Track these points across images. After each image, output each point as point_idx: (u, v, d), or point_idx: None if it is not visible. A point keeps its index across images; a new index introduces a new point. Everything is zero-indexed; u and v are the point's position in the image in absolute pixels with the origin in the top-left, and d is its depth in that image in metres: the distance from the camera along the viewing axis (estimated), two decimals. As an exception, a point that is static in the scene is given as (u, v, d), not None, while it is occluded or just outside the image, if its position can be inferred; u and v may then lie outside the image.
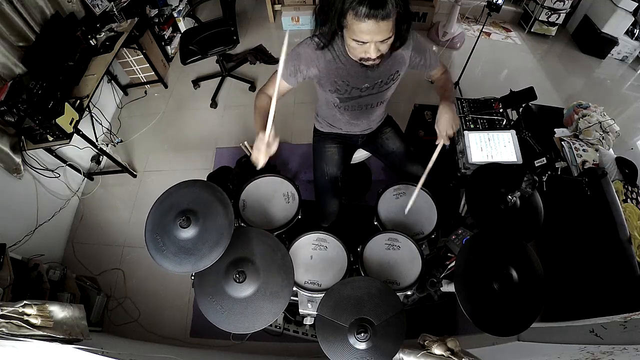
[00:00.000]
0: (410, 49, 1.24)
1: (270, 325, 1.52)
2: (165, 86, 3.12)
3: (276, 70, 1.19)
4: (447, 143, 1.29)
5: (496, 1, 2.44)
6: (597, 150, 1.96)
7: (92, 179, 2.58)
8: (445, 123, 1.28)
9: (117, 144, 2.73)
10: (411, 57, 1.27)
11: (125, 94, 3.08)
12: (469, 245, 1.09)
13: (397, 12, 0.96)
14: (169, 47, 3.29)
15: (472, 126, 1.83)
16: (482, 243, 1.10)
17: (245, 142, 1.86)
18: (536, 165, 1.84)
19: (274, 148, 1.10)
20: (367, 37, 0.99)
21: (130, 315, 2.04)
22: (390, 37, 1.02)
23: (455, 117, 1.29)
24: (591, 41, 3.37)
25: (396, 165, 1.66)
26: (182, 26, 3.33)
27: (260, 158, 1.10)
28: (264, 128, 1.09)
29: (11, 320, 0.95)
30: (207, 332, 1.92)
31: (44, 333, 0.98)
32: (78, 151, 2.39)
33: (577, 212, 1.82)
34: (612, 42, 3.29)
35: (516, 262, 1.05)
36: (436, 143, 1.29)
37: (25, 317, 0.97)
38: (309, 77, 1.24)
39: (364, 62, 1.12)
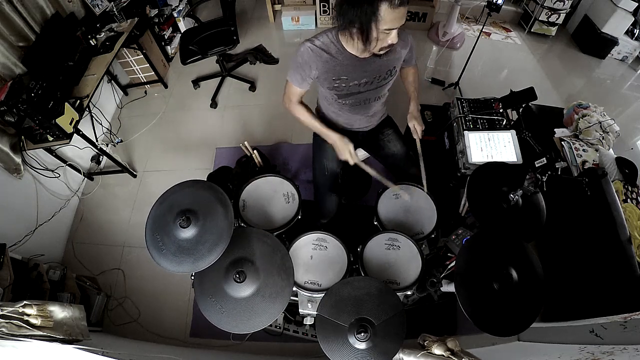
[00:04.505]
0: (408, 49, 1.34)
1: (270, 325, 1.52)
2: (165, 86, 3.12)
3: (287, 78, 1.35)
4: (421, 136, 1.52)
5: (496, 1, 2.44)
6: (597, 150, 1.96)
7: (92, 179, 2.58)
8: (416, 122, 1.51)
9: (117, 144, 2.73)
10: (406, 55, 1.37)
11: (125, 94, 3.08)
12: (469, 245, 1.09)
13: None
14: (169, 47, 3.29)
15: (472, 126, 1.83)
16: (482, 243, 1.10)
17: (246, 142, 1.86)
18: (536, 165, 1.84)
19: (348, 141, 1.37)
20: (398, 23, 1.08)
21: (130, 315, 2.04)
22: (404, 22, 1.12)
23: (420, 119, 1.54)
24: (591, 41, 3.37)
25: (396, 167, 1.67)
26: (182, 26, 3.33)
27: (347, 156, 1.36)
28: (326, 130, 1.39)
29: (11, 320, 0.95)
30: (207, 332, 1.92)
31: (44, 333, 0.98)
32: (78, 151, 2.39)
33: (577, 212, 1.82)
34: (612, 42, 3.29)
35: (516, 262, 1.05)
36: (414, 137, 1.52)
37: (25, 317, 0.97)
38: (314, 77, 1.31)
39: (381, 52, 1.18)
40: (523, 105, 2.07)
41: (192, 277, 1.13)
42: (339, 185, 1.64)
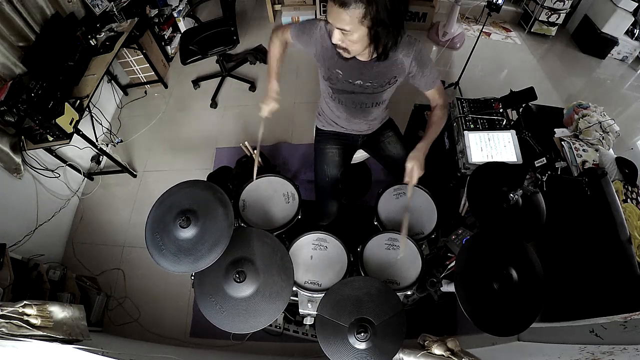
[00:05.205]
0: (411, 57, 1.22)
1: (270, 325, 1.53)
2: (165, 86, 3.12)
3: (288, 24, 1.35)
4: (414, 183, 1.30)
5: (496, 1, 2.44)
6: (597, 150, 1.96)
7: (92, 179, 2.59)
8: (416, 165, 1.27)
9: (117, 144, 2.73)
10: (410, 65, 1.25)
11: (125, 94, 3.08)
12: (469, 245, 1.09)
13: (364, 11, 0.97)
14: (169, 47, 3.29)
15: (472, 126, 1.83)
16: (482, 243, 1.10)
17: (246, 142, 1.86)
18: (536, 165, 1.83)
19: (274, 104, 1.38)
20: (332, 19, 1.03)
21: (130, 315, 2.04)
22: (349, 31, 1.02)
23: (423, 163, 1.29)
24: (591, 41, 3.37)
25: (396, 168, 1.66)
26: (182, 26, 3.33)
27: (264, 108, 1.39)
28: (273, 76, 1.38)
29: (11, 320, 0.95)
30: (207, 332, 1.92)
31: (44, 333, 0.98)
32: (78, 151, 2.39)
33: (577, 212, 1.82)
34: (612, 42, 3.29)
35: (516, 262, 1.05)
36: (406, 181, 1.30)
37: (25, 317, 0.97)
38: (307, 50, 1.30)
39: (340, 52, 1.14)
40: (523, 105, 2.07)
41: (192, 277, 1.13)
42: (339, 190, 1.64)
